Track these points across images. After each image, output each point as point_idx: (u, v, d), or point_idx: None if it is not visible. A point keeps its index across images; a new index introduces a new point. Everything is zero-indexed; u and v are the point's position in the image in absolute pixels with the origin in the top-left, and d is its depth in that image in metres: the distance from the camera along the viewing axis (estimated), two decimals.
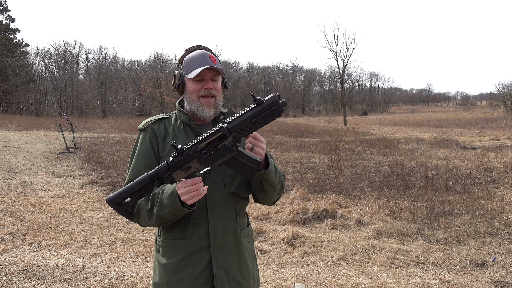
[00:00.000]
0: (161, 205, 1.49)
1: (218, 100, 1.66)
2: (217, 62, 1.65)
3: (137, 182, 1.43)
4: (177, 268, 1.61)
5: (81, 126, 23.00)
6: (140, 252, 4.54)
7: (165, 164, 1.43)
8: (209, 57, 1.63)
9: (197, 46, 1.72)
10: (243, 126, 1.41)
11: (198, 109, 1.64)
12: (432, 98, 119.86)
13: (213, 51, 1.72)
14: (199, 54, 1.65)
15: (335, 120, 40.71)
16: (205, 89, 1.63)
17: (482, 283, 3.77)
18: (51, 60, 56.79)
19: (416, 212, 5.88)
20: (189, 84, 1.66)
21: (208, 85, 1.63)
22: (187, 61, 1.66)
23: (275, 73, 78.95)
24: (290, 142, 15.73)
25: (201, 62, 1.62)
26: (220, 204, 1.62)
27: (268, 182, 1.59)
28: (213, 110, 1.65)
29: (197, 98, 1.64)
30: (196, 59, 1.64)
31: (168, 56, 64.38)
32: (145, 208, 1.54)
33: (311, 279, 3.91)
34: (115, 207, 1.44)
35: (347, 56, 41.26)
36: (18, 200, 6.75)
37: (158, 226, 1.60)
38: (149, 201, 1.54)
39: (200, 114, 1.64)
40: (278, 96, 1.40)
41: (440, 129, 25.64)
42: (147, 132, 1.69)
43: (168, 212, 1.48)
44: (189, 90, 1.66)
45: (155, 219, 1.52)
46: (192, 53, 1.68)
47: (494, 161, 10.39)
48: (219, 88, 1.67)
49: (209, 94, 1.63)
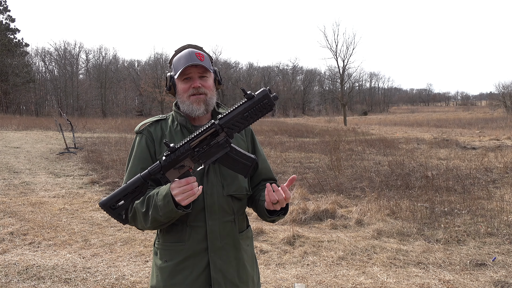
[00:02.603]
0: (156, 207, 1.46)
1: (209, 97, 1.63)
2: (205, 58, 1.63)
3: (130, 183, 1.40)
4: (174, 271, 1.59)
5: (81, 126, 23.01)
6: (140, 252, 4.53)
7: (158, 164, 1.40)
8: (195, 55, 1.60)
9: (186, 45, 1.70)
10: (235, 122, 1.39)
11: (189, 108, 1.62)
12: (432, 98, 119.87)
13: (203, 49, 1.70)
14: (185, 53, 1.62)
15: (335, 120, 40.71)
16: (193, 87, 1.61)
17: (482, 283, 3.77)
18: (51, 60, 56.85)
19: (416, 212, 5.88)
20: (178, 84, 1.64)
21: (195, 84, 1.60)
22: (175, 62, 1.65)
23: (275, 73, 78.94)
24: (290, 142, 15.73)
25: (187, 60, 1.59)
26: (218, 206, 1.60)
27: (280, 218, 1.66)
28: (203, 107, 1.62)
29: (187, 97, 1.62)
30: (182, 58, 1.61)
31: (168, 56, 64.31)
32: (141, 210, 1.51)
33: (311, 279, 3.90)
34: (108, 210, 1.40)
35: (347, 56, 41.36)
36: (18, 200, 6.75)
37: (154, 228, 1.57)
38: (144, 203, 1.51)
39: (191, 112, 1.62)
40: (268, 90, 1.39)
41: (440, 129, 25.64)
42: (143, 135, 1.67)
43: (163, 214, 1.45)
44: (179, 91, 1.64)
45: (151, 222, 1.49)
46: (180, 53, 1.66)
47: (494, 161, 10.39)
48: (209, 85, 1.64)
49: (197, 93, 1.61)
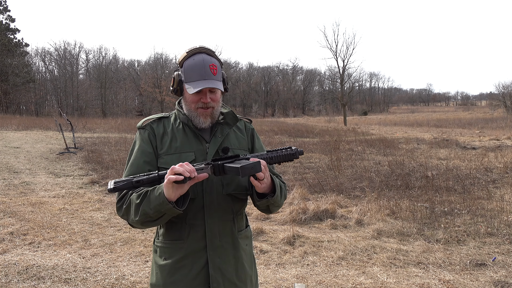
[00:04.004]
0: (148, 199, 1.46)
1: (216, 109, 1.66)
2: (218, 71, 1.61)
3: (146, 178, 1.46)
4: (174, 269, 1.60)
5: (81, 126, 23.01)
6: (140, 252, 4.53)
7: None
8: (209, 68, 1.58)
9: (199, 48, 1.64)
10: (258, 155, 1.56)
11: (195, 120, 1.64)
12: (432, 98, 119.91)
13: (215, 54, 1.67)
14: (199, 64, 1.59)
15: (335, 120, 40.72)
16: (203, 102, 1.61)
17: (482, 283, 3.77)
18: (51, 60, 56.88)
19: (416, 212, 5.88)
20: (187, 92, 1.63)
21: (205, 99, 1.61)
22: (187, 68, 1.61)
23: (275, 73, 78.99)
24: (290, 142, 15.74)
25: (201, 74, 1.57)
26: (217, 205, 1.60)
27: (274, 204, 1.63)
28: (209, 120, 1.65)
29: (195, 109, 1.63)
30: (196, 69, 1.58)
31: (168, 56, 64.45)
32: (135, 202, 1.50)
33: (311, 279, 3.90)
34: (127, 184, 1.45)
35: (347, 56, 41.46)
36: (18, 200, 6.75)
37: (142, 224, 1.53)
38: (140, 196, 1.50)
39: (197, 124, 1.65)
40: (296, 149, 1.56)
41: (440, 129, 25.65)
42: (146, 130, 1.68)
43: (153, 207, 1.43)
44: (187, 99, 1.64)
45: (140, 215, 1.47)
46: (193, 59, 1.61)
47: (494, 161, 10.39)
48: (217, 99, 1.65)
49: (205, 107, 1.62)
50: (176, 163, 1.51)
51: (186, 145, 1.63)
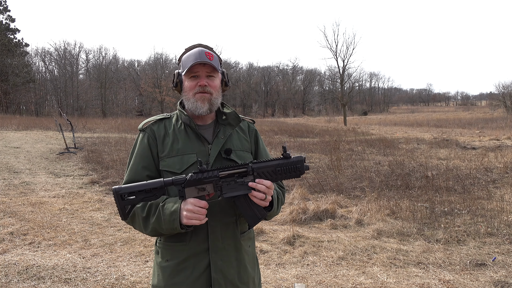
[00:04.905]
0: (160, 219, 1.51)
1: (214, 97, 1.64)
2: (214, 58, 1.64)
3: (151, 183, 1.46)
4: (175, 270, 1.60)
5: (81, 126, 23.01)
6: (140, 252, 4.53)
7: (184, 177, 1.48)
8: (204, 54, 1.62)
9: (197, 44, 1.71)
10: (266, 171, 1.51)
11: (193, 105, 1.63)
12: (432, 98, 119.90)
13: (213, 49, 1.71)
14: (195, 51, 1.64)
15: (335, 120, 40.72)
16: (199, 85, 1.61)
17: (482, 283, 3.77)
18: (51, 60, 56.85)
19: (416, 212, 5.88)
20: (185, 82, 1.65)
21: (202, 82, 1.61)
22: (184, 59, 1.67)
23: (275, 73, 78.98)
24: (290, 142, 15.74)
25: (195, 58, 1.61)
26: (219, 207, 1.60)
27: (270, 216, 1.67)
28: (207, 105, 1.62)
29: (193, 95, 1.63)
30: (191, 56, 1.63)
31: (168, 56, 64.41)
32: (141, 215, 1.55)
33: (311, 279, 3.90)
34: (118, 198, 1.46)
35: (347, 56, 41.41)
36: (18, 200, 6.75)
37: (152, 236, 1.61)
38: (145, 209, 1.54)
39: (195, 110, 1.63)
40: (304, 158, 1.54)
41: (440, 129, 25.64)
42: (146, 133, 1.67)
43: (166, 229, 1.52)
44: (186, 88, 1.65)
45: (150, 230, 1.55)
46: (190, 51, 1.68)
47: (494, 161, 10.39)
48: (215, 86, 1.65)
49: (203, 91, 1.61)
50: (178, 165, 1.54)
51: (188, 146, 1.63)
